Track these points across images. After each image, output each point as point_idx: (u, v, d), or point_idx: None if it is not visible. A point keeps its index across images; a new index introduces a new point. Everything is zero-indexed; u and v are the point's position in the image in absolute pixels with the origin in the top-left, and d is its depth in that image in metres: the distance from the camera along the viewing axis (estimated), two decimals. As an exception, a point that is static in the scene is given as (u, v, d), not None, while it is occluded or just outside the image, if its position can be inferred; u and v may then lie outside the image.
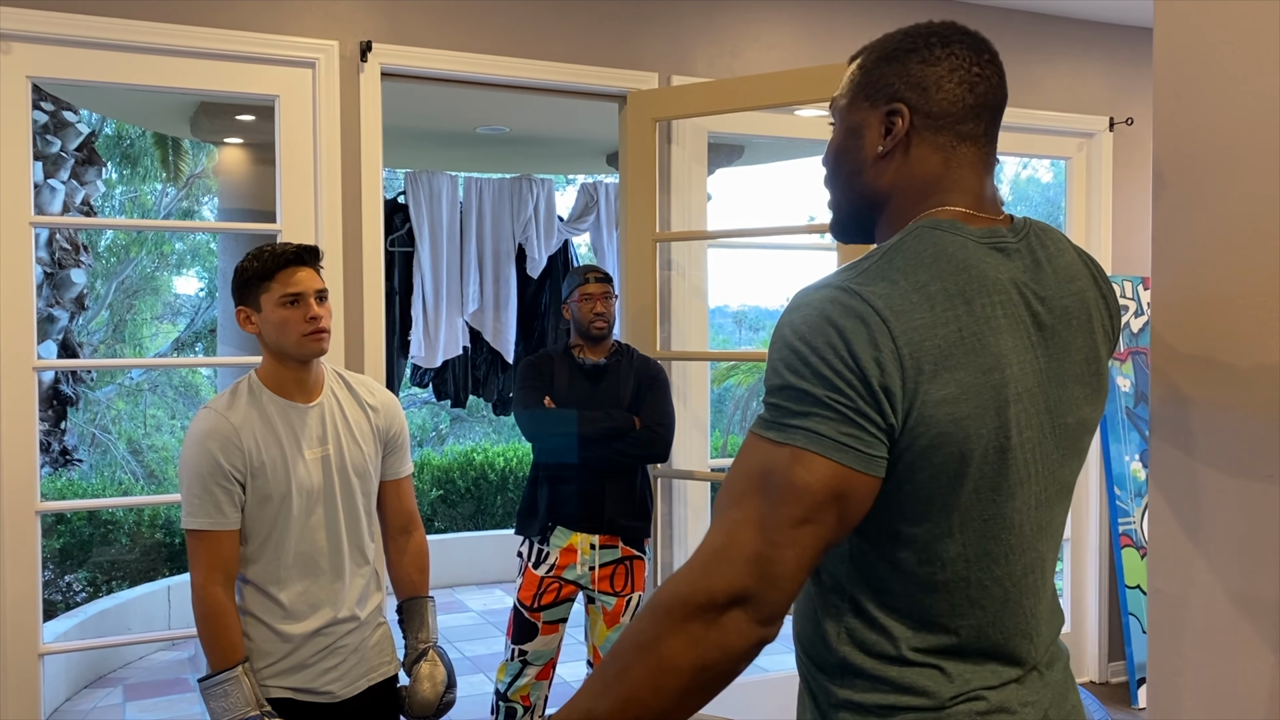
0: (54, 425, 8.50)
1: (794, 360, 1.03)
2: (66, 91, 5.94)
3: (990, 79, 1.16)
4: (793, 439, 1.01)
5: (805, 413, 1.01)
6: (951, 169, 1.15)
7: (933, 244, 1.09)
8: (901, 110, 1.14)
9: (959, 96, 1.14)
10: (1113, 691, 4.42)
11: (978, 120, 1.15)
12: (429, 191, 5.50)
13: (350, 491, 2.21)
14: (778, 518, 1.00)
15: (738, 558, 1.00)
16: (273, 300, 2.12)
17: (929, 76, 1.14)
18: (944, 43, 1.15)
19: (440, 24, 3.33)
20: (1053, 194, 14.55)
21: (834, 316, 1.03)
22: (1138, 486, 4.38)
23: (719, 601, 0.99)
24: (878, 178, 1.17)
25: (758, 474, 1.03)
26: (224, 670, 2.05)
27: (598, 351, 3.30)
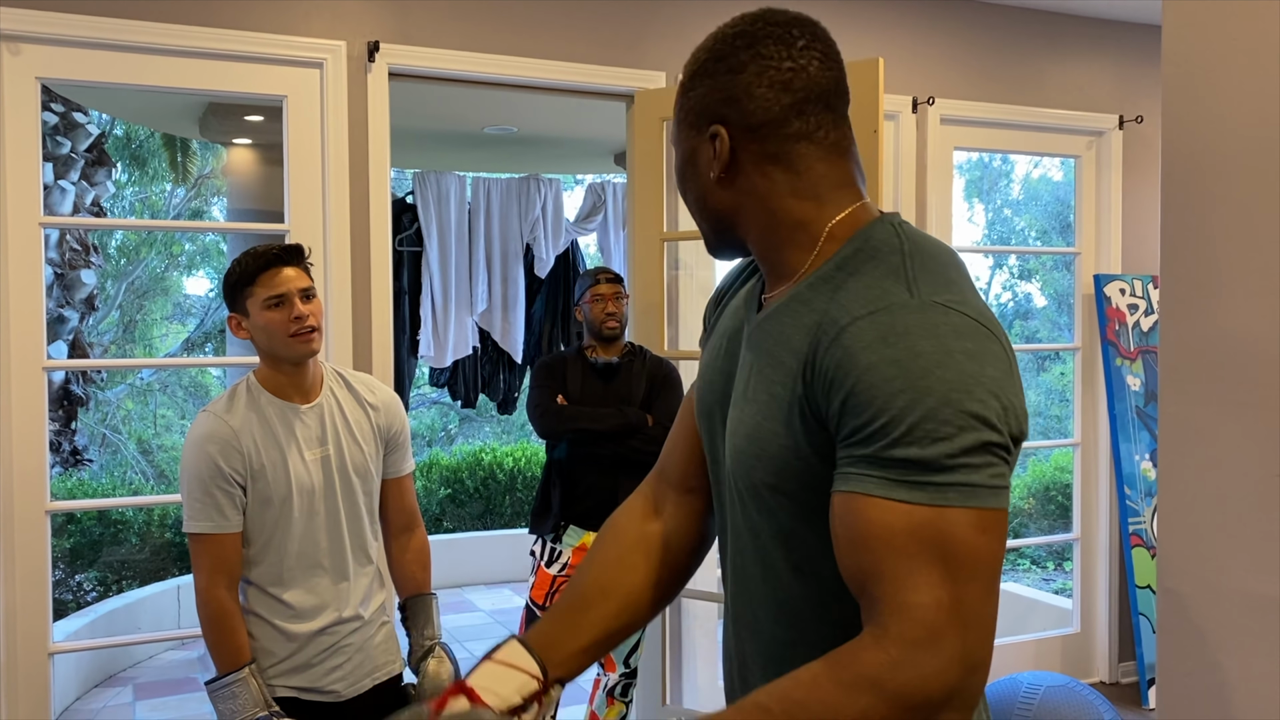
0: (64, 425, 8.53)
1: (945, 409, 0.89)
2: (76, 93, 5.97)
3: (808, 68, 1.05)
4: (968, 501, 0.89)
5: (974, 469, 0.90)
6: (801, 173, 1.06)
7: (924, 238, 1.06)
8: (719, 131, 1.07)
9: (772, 99, 1.05)
10: (1123, 692, 4.40)
11: (804, 116, 1.05)
12: (437, 191, 5.50)
13: (351, 491, 2.21)
14: (969, 597, 0.89)
15: (946, 653, 0.87)
16: (258, 304, 2.11)
17: (738, 86, 1.06)
18: (749, 44, 1.06)
19: (447, 24, 3.34)
20: (1063, 193, 14.50)
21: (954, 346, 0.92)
22: (1148, 486, 4.36)
23: (935, 701, 0.88)
24: (723, 200, 1.10)
25: (918, 546, 0.89)
26: (231, 672, 2.06)
27: (611, 351, 3.33)
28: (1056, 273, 14.40)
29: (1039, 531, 8.74)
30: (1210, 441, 1.74)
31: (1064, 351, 11.18)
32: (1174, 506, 1.80)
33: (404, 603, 2.38)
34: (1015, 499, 8.95)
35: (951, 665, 0.87)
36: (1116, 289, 4.44)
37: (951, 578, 0.88)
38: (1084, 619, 4.55)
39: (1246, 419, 1.69)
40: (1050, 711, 3.16)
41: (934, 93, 4.04)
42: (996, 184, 15.93)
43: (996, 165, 15.59)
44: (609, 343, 3.32)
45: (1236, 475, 1.70)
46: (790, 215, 1.07)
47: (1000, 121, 4.22)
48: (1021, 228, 15.77)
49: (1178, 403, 1.79)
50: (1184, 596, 1.79)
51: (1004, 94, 4.21)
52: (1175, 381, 1.80)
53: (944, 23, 4.10)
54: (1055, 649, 4.50)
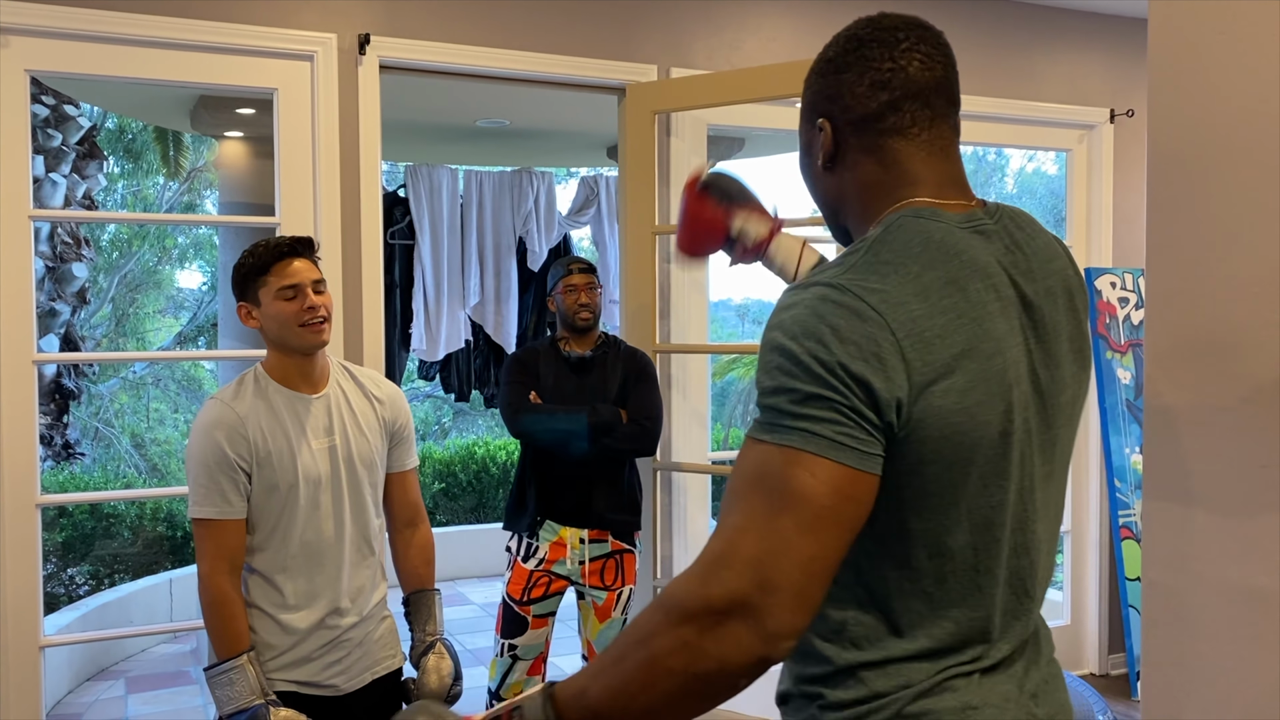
0: (56, 419, 8.52)
1: (785, 361, 1.01)
2: (67, 85, 5.95)
3: (907, 67, 1.14)
4: (789, 440, 0.99)
5: (801, 414, 0.99)
6: (890, 167, 1.16)
7: (918, 232, 1.09)
8: (823, 124, 1.19)
9: (871, 97, 1.15)
10: (1113, 684, 4.42)
11: (900, 112, 1.15)
12: (429, 184, 5.50)
13: (357, 482, 2.22)
14: (779, 524, 0.97)
15: (737, 564, 0.96)
16: (270, 293, 2.13)
17: (842, 85, 1.17)
18: (856, 45, 1.17)
19: (439, 17, 3.33)
20: (1057, 186, 14.53)
21: (826, 314, 1.01)
22: (1138, 479, 4.37)
23: (716, 608, 0.95)
24: (829, 188, 1.22)
25: (755, 477, 1.00)
26: (229, 659, 2.07)
27: (584, 344, 3.29)
28: (1049, 266, 14.41)
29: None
30: (1196, 434, 1.75)
31: (1056, 345, 11.17)
32: (1160, 499, 1.81)
33: (407, 598, 2.38)
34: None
35: (739, 578, 0.95)
36: (1107, 282, 4.45)
37: (767, 509, 0.98)
38: (1074, 611, 4.57)
39: (1232, 411, 1.70)
40: (1040, 703, 3.18)
41: (926, 86, 4.04)
42: (991, 178, 15.95)
43: (991, 159, 15.61)
44: (582, 334, 3.28)
45: (1222, 468, 1.71)
46: (873, 205, 1.16)
47: (992, 115, 4.22)
48: (1015, 221, 15.77)
49: (1164, 395, 1.80)
50: (1170, 588, 1.80)
51: (996, 87, 4.21)
52: (1161, 374, 1.81)
53: (936, 16, 4.08)
54: (1046, 641, 4.53)
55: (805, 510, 0.97)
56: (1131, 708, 4.18)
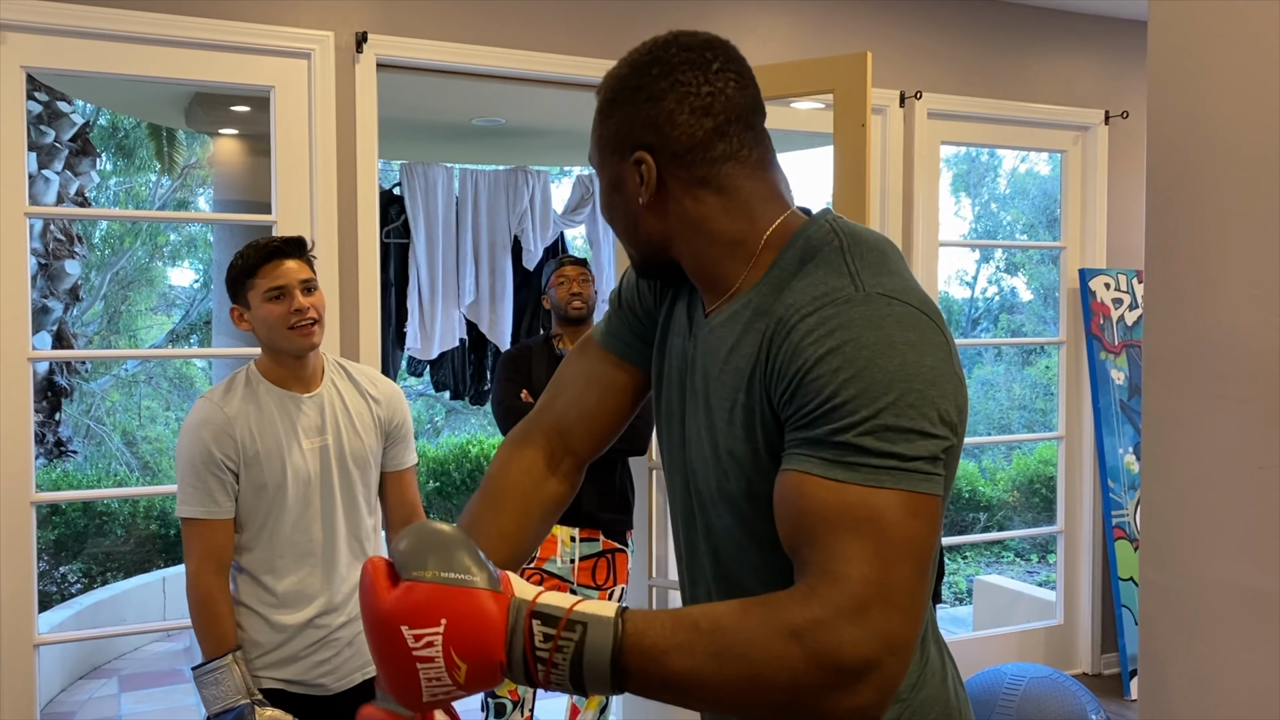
0: (48, 416, 8.49)
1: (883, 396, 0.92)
2: (61, 82, 5.93)
3: (725, 89, 1.08)
4: (900, 484, 0.92)
5: (910, 455, 0.92)
6: (732, 194, 1.09)
7: (862, 229, 1.08)
8: (644, 158, 1.08)
9: (695, 125, 1.07)
10: (1105, 683, 4.44)
11: (727, 138, 1.08)
12: (425, 183, 5.49)
13: (349, 482, 2.21)
14: (896, 577, 0.90)
15: (867, 627, 0.88)
16: (259, 296, 2.12)
17: (660, 114, 1.07)
18: (666, 71, 1.08)
19: (436, 15, 3.33)
20: (1050, 187, 14.56)
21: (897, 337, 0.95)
22: (1131, 479, 4.39)
23: (847, 670, 0.88)
24: (654, 225, 1.12)
25: (851, 523, 0.91)
26: (216, 658, 2.06)
27: (578, 339, 3.29)
28: (1043, 267, 14.46)
29: (1023, 524, 8.79)
30: (1193, 435, 1.76)
31: (1049, 345, 11.23)
32: (1156, 499, 1.82)
33: None
34: (1000, 492, 9.00)
35: (872, 638, 0.88)
36: (1101, 283, 4.47)
37: (882, 556, 0.90)
38: (1067, 611, 4.58)
39: (1229, 413, 1.70)
40: (1033, 703, 3.19)
41: (921, 87, 4.05)
42: (984, 178, 15.98)
43: (984, 159, 15.63)
44: (576, 326, 3.29)
45: (1219, 468, 1.72)
46: (725, 234, 1.09)
47: (987, 116, 4.23)
48: (1008, 222, 15.82)
49: (1161, 396, 1.81)
50: (1166, 588, 1.81)
51: (991, 89, 4.22)
52: (1159, 375, 1.81)
53: (932, 17, 4.11)
54: (1039, 641, 4.54)
55: (917, 556, 0.92)
56: (1124, 707, 4.20)
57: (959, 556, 8.06)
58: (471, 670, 0.88)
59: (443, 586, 0.88)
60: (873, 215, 3.66)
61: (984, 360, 14.24)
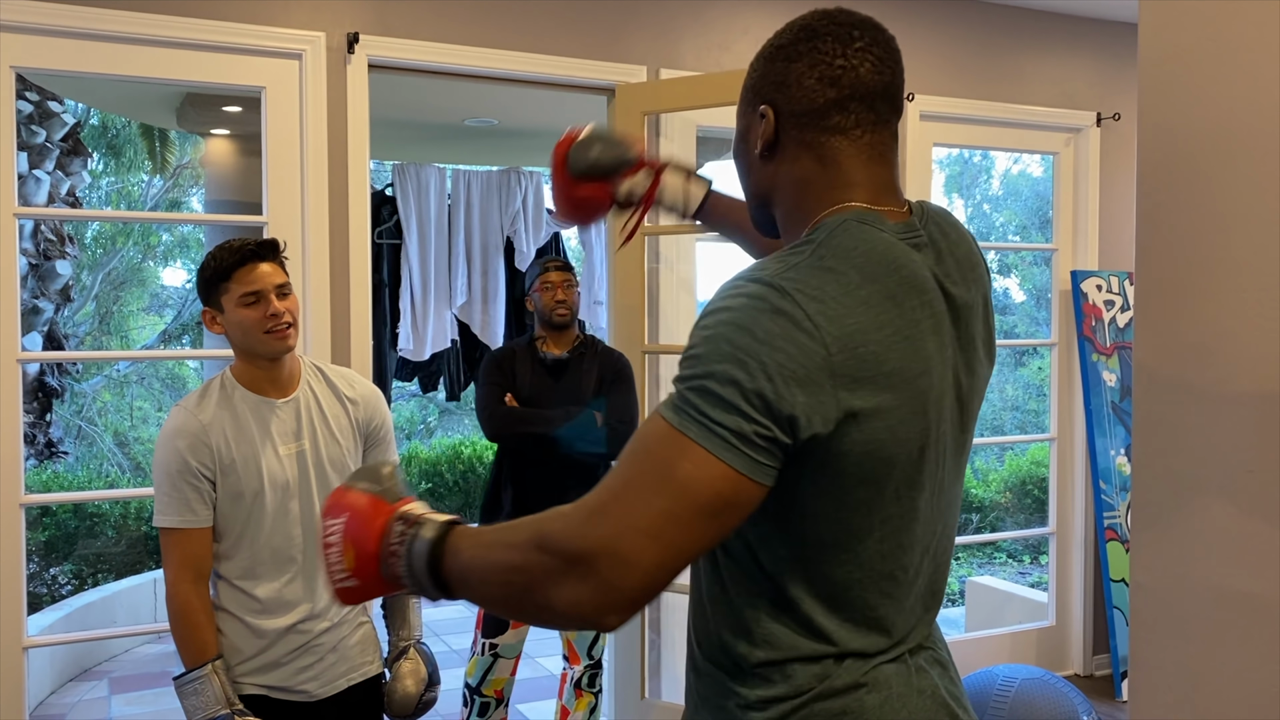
0: (39, 417, 8.46)
1: (710, 357, 1.00)
2: (51, 82, 5.91)
3: (859, 68, 1.11)
4: (688, 428, 0.99)
5: (706, 409, 0.99)
6: (828, 165, 1.13)
7: (861, 240, 1.08)
8: (766, 111, 1.15)
9: (819, 91, 1.11)
10: (1096, 685, 4.44)
11: (845, 112, 1.11)
12: (417, 184, 5.48)
13: (328, 487, 2.18)
14: (651, 503, 0.98)
15: (602, 525, 0.98)
16: (233, 300, 2.09)
17: (790, 74, 1.13)
18: (810, 36, 1.13)
19: (428, 16, 3.32)
20: (1042, 188, 14.59)
21: (763, 320, 0.99)
22: (1123, 480, 4.40)
23: (567, 555, 0.99)
24: (763, 178, 1.19)
25: (648, 450, 1.01)
26: (195, 669, 2.05)
27: (561, 344, 3.28)
28: (1035, 268, 14.49)
29: (1015, 525, 8.81)
30: (1183, 437, 1.76)
31: (1041, 347, 11.25)
32: (1147, 501, 1.82)
33: (384, 601, 2.36)
34: (992, 493, 9.01)
35: (593, 538, 0.98)
36: (1093, 285, 4.48)
37: (643, 480, 1.00)
38: (1059, 612, 4.59)
39: (1219, 415, 1.70)
40: (1025, 704, 3.19)
41: (913, 89, 4.06)
42: (976, 180, 16.01)
43: (976, 161, 15.66)
44: (560, 331, 3.27)
45: (1209, 471, 1.72)
46: (806, 202, 1.14)
47: (979, 118, 4.24)
48: (1001, 223, 15.85)
49: (1151, 399, 1.81)
50: (1156, 590, 1.81)
51: (983, 90, 4.23)
52: (1149, 378, 1.81)
53: (924, 19, 4.12)
54: (1030, 642, 4.54)
55: (680, 500, 0.98)
56: (1115, 709, 4.20)
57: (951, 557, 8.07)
58: (356, 558, 1.12)
59: (354, 492, 1.15)
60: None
61: (977, 361, 14.24)
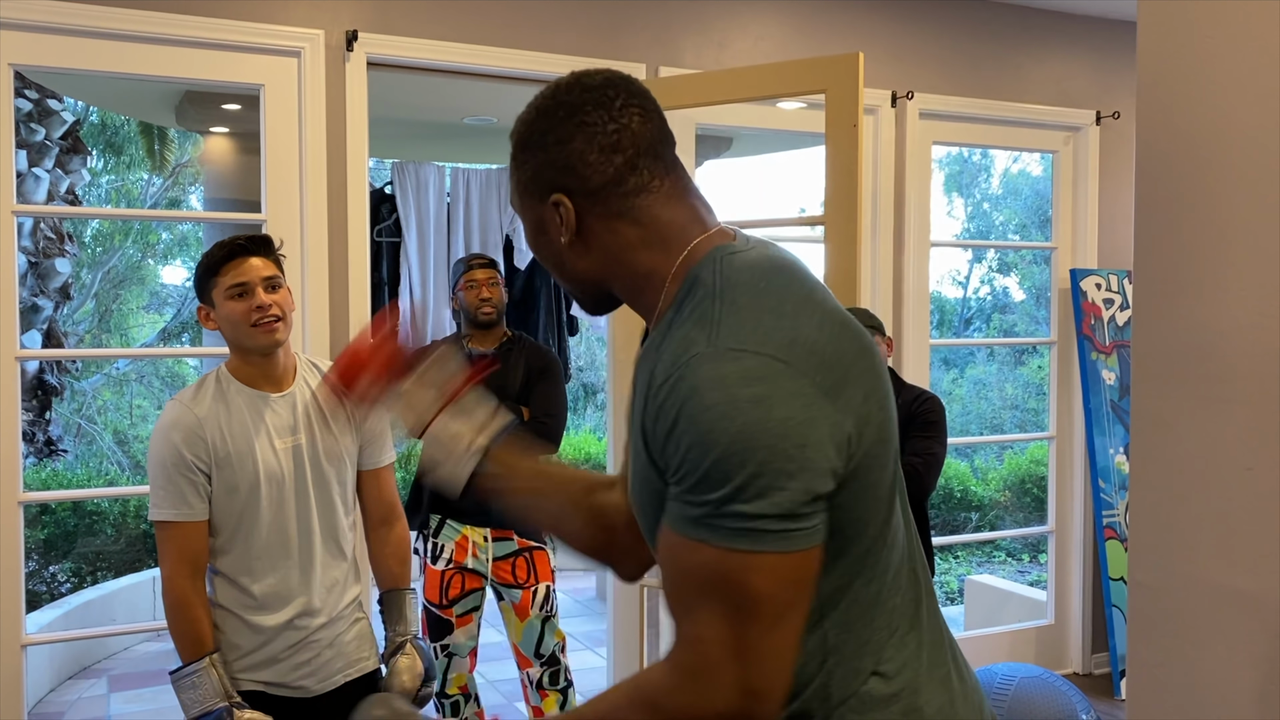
0: (38, 415, 8.46)
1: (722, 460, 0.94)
2: (51, 79, 5.90)
3: (630, 124, 1.10)
4: (737, 544, 0.95)
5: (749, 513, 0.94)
6: (646, 224, 1.10)
7: (747, 267, 1.06)
8: (561, 200, 1.11)
9: (606, 163, 1.09)
10: (1095, 683, 4.44)
11: (637, 171, 1.10)
12: (416, 182, 5.48)
13: (324, 481, 2.19)
14: (748, 633, 0.95)
15: (720, 681, 0.95)
16: (222, 293, 2.11)
17: (571, 156, 1.09)
18: (570, 113, 1.10)
19: (426, 14, 3.32)
20: (1042, 187, 14.59)
21: (739, 391, 0.95)
22: (1122, 479, 4.40)
23: None
24: (580, 262, 1.14)
25: (707, 583, 0.97)
26: (192, 662, 2.06)
27: (487, 341, 3.28)
28: (1035, 267, 14.50)
29: (1014, 524, 8.81)
30: (1182, 435, 1.76)
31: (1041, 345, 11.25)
32: (1145, 500, 1.82)
33: (381, 596, 2.37)
34: (991, 491, 9.01)
35: (727, 694, 0.95)
36: (1092, 283, 4.47)
37: (731, 616, 0.96)
38: (1058, 611, 4.59)
39: (1218, 414, 1.70)
40: (1024, 703, 3.19)
41: (913, 87, 4.05)
42: (976, 178, 16.01)
43: (976, 160, 15.66)
44: (486, 329, 3.27)
45: (1208, 469, 1.72)
46: (641, 266, 1.11)
47: (979, 116, 4.24)
48: (1001, 222, 15.85)
49: (1149, 397, 1.81)
50: (1154, 589, 1.81)
51: (983, 89, 4.23)
52: (1148, 376, 1.81)
53: (924, 17, 4.11)
54: (1029, 640, 4.54)
55: (770, 611, 0.96)
56: (1115, 707, 4.20)
57: (950, 556, 8.07)
58: None
59: None
60: (864, 215, 3.66)
61: (976, 360, 14.27)
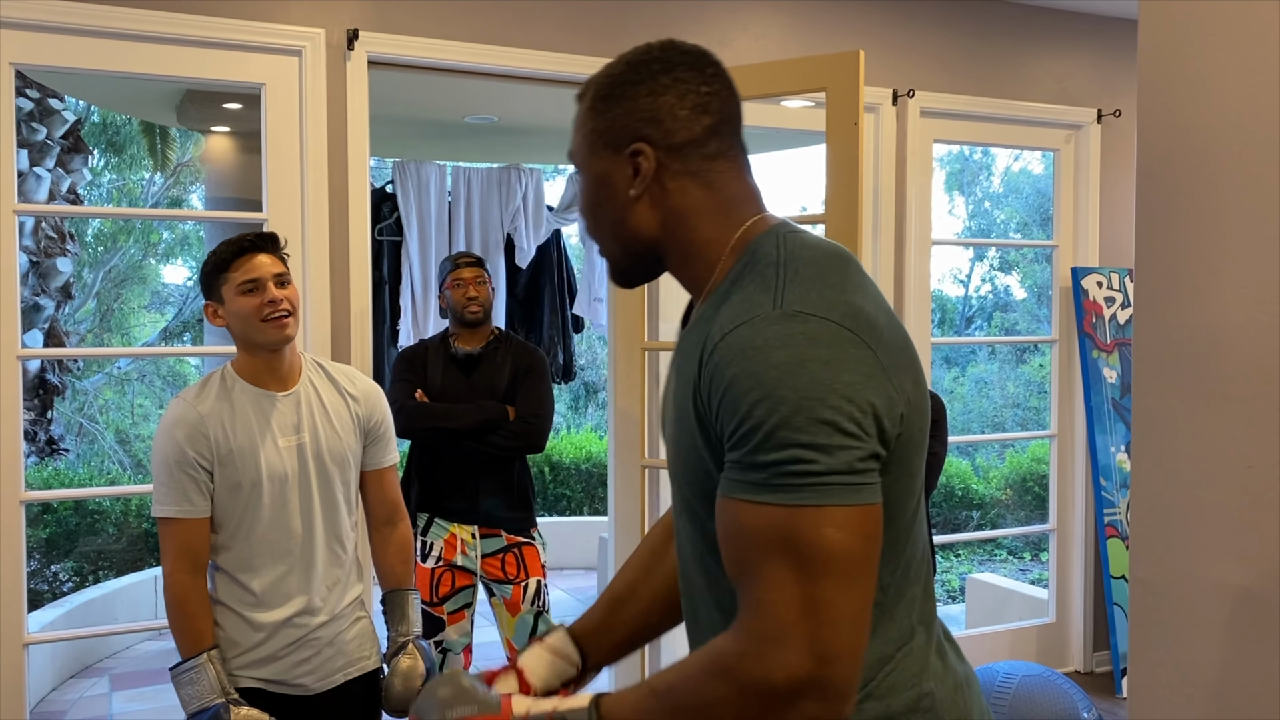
0: (40, 414, 8.47)
1: (786, 414, 0.94)
2: (51, 79, 5.91)
3: (720, 93, 1.13)
4: (806, 499, 0.94)
5: (816, 468, 0.94)
6: (716, 190, 1.13)
7: (807, 244, 1.09)
8: (644, 150, 1.11)
9: (695, 121, 1.11)
10: (1097, 681, 4.44)
11: (720, 137, 1.13)
12: (417, 181, 5.48)
13: (327, 480, 2.20)
14: (822, 591, 0.94)
15: (793, 643, 0.93)
16: (232, 289, 2.12)
17: (661, 108, 1.11)
18: (667, 69, 1.12)
19: (427, 12, 3.32)
20: (1043, 185, 14.58)
21: (806, 351, 0.96)
22: (1123, 477, 4.40)
23: (783, 690, 0.94)
24: (642, 220, 1.14)
25: (775, 543, 0.95)
26: (191, 658, 2.07)
27: (474, 339, 3.27)
28: (1036, 265, 14.49)
29: (1016, 522, 8.81)
30: (1183, 433, 1.76)
31: (1042, 343, 11.25)
32: (1146, 498, 1.82)
33: (384, 596, 2.37)
34: (993, 490, 9.01)
35: (801, 657, 0.93)
36: (1093, 282, 4.47)
37: (802, 576, 0.94)
38: (1059, 609, 4.59)
39: (1219, 411, 1.70)
40: (1025, 701, 3.19)
41: (914, 85, 4.05)
42: (977, 177, 16.00)
43: (977, 158, 15.65)
44: (472, 328, 3.26)
45: (1209, 467, 1.72)
46: (702, 233, 1.13)
47: (980, 114, 4.23)
48: (1002, 220, 15.84)
49: (1151, 395, 1.81)
50: (1156, 586, 1.81)
51: (984, 87, 4.23)
52: (1149, 374, 1.81)
53: (924, 15, 4.11)
54: (1031, 638, 4.54)
55: (843, 568, 0.94)
56: (1116, 705, 4.20)
57: (952, 554, 8.07)
58: None
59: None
60: (865, 214, 3.66)
61: (978, 358, 14.26)
